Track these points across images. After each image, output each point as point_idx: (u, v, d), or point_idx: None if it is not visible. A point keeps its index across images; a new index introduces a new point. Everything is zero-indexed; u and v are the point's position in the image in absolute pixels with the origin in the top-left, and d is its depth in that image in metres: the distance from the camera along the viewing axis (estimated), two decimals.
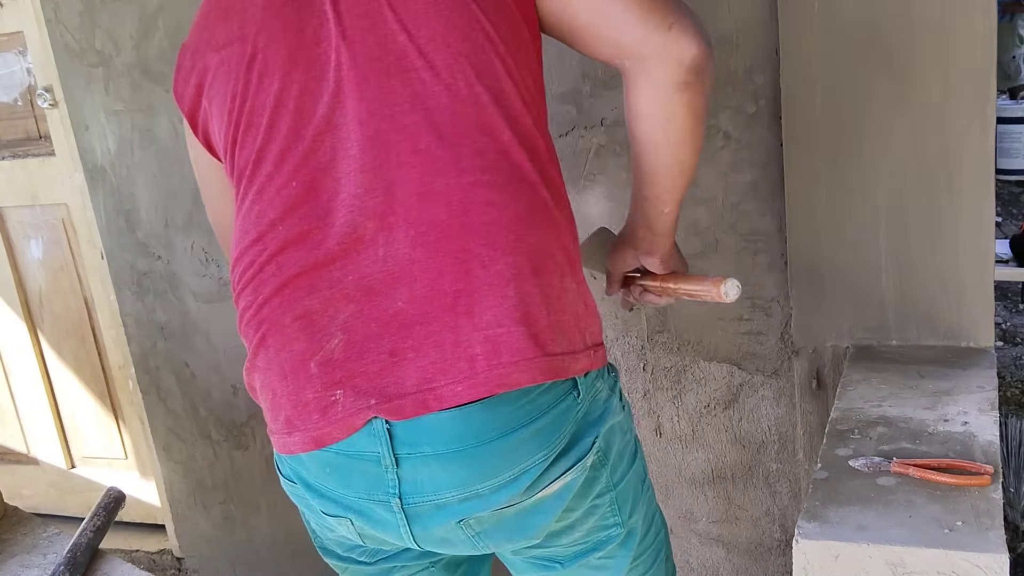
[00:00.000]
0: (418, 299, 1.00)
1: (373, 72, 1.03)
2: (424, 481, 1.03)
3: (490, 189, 1.02)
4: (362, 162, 1.02)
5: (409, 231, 1.01)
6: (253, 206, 1.08)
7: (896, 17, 1.49)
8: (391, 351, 1.01)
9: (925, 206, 1.55)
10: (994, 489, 1.17)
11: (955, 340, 1.60)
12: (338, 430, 1.03)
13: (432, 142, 1.02)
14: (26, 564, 1.25)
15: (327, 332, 1.02)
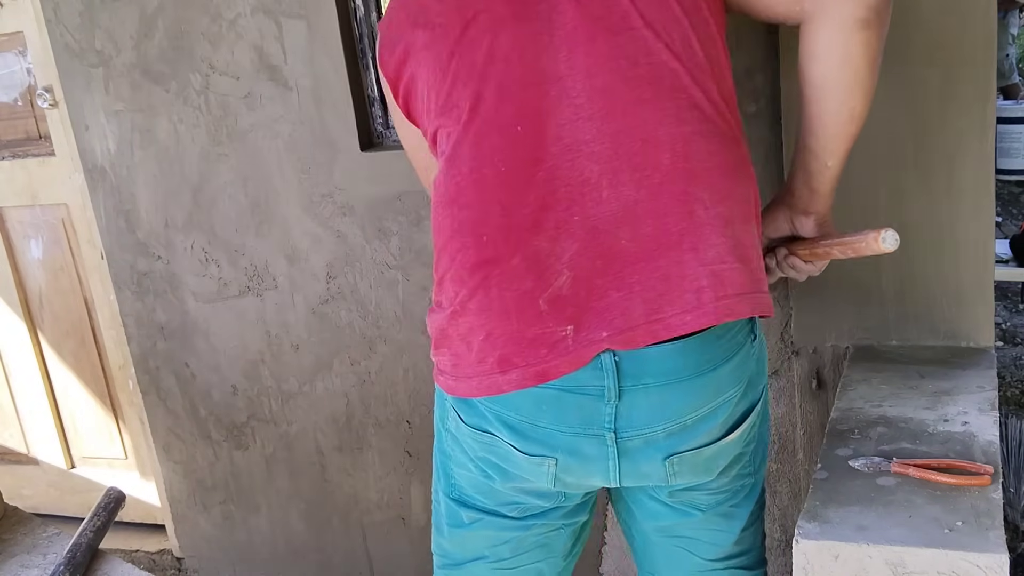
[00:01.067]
0: (641, 237, 1.08)
1: (599, 29, 1.10)
2: (640, 414, 1.10)
3: (709, 139, 1.12)
4: (589, 111, 1.09)
5: (634, 174, 1.08)
6: (474, 148, 1.12)
7: (896, 17, 1.48)
8: (618, 286, 1.08)
9: (925, 206, 1.55)
10: (994, 489, 1.17)
11: (955, 340, 1.60)
12: (566, 363, 1.08)
13: (655, 94, 1.09)
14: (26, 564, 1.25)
15: (555, 270, 1.08)
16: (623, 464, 1.14)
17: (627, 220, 1.08)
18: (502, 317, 1.10)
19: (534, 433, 1.13)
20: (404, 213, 2.02)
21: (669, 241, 1.08)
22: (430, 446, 2.18)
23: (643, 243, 1.08)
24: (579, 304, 1.08)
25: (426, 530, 2.26)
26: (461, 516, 1.30)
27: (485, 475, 1.22)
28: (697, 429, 1.13)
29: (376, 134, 2.07)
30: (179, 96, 2.11)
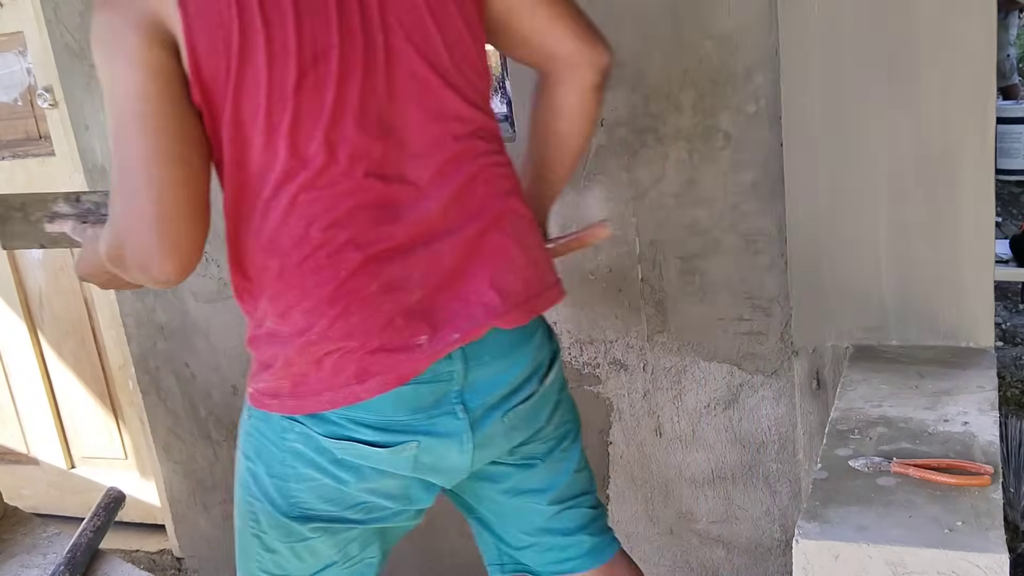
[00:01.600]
0: (469, 253, 1.25)
1: (423, 87, 1.22)
2: (481, 385, 1.26)
3: (503, 160, 1.30)
4: (424, 156, 1.23)
5: (462, 209, 1.24)
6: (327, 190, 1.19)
7: (896, 17, 1.49)
8: (459, 297, 1.24)
9: (925, 206, 1.55)
10: (994, 489, 1.17)
11: (955, 340, 1.60)
12: (423, 364, 1.21)
13: (468, 132, 1.26)
14: (26, 564, 1.25)
15: (407, 291, 1.21)
16: (475, 432, 1.27)
17: (455, 239, 1.24)
18: (363, 337, 1.20)
19: (394, 426, 1.24)
20: None
21: (488, 255, 1.27)
22: None
23: (470, 259, 1.25)
24: (430, 317, 1.22)
25: (426, 530, 2.26)
26: (303, 532, 1.34)
27: (338, 480, 1.28)
28: (524, 386, 1.31)
29: None
30: None
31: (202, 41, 1.12)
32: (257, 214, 1.24)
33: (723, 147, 1.74)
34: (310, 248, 1.20)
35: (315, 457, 1.27)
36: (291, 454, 1.29)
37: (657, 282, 1.87)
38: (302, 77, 1.15)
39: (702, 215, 1.79)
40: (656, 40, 1.72)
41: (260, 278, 1.25)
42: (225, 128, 1.17)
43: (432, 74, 1.22)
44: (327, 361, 1.21)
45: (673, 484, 2.01)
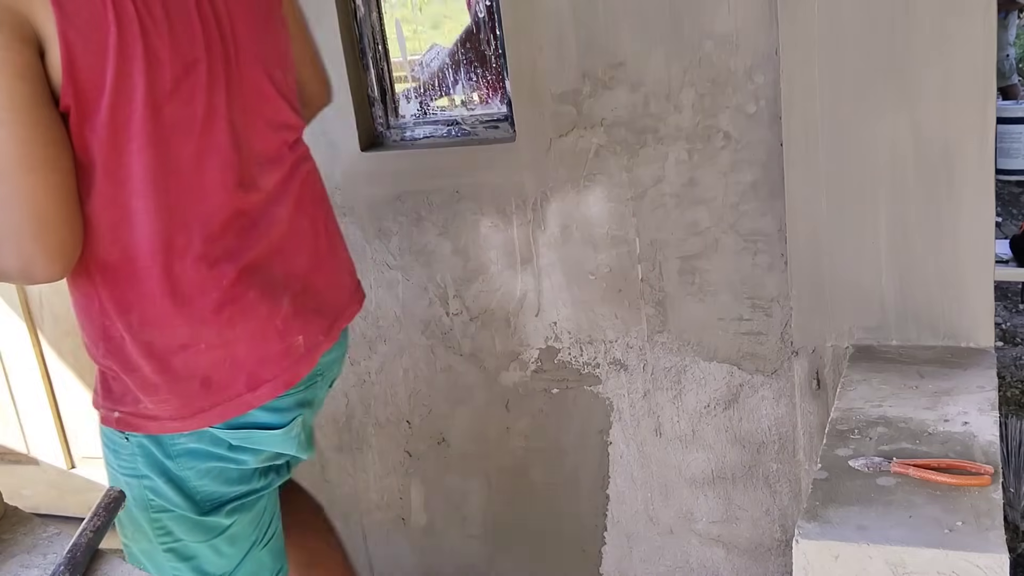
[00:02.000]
0: (313, 256, 1.40)
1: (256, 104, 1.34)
2: (329, 362, 1.45)
3: (314, 170, 1.47)
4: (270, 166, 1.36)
5: (295, 211, 1.38)
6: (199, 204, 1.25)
7: (896, 17, 1.49)
8: (315, 299, 1.38)
9: (925, 206, 1.55)
10: (994, 489, 1.17)
11: (955, 340, 1.60)
12: (304, 367, 1.35)
13: (290, 154, 1.43)
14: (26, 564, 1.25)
15: (279, 296, 1.32)
16: (318, 400, 1.47)
17: (300, 244, 1.38)
18: (248, 343, 1.29)
19: (285, 404, 1.36)
20: (404, 213, 2.02)
21: (324, 255, 1.43)
22: (430, 446, 2.18)
23: (315, 260, 1.40)
24: (300, 318, 1.34)
25: (426, 530, 2.26)
26: (220, 522, 1.40)
27: (237, 462, 1.37)
28: (342, 345, 1.51)
29: (376, 134, 2.07)
30: None
31: (79, 41, 1.10)
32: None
33: (723, 147, 1.74)
34: (192, 259, 1.23)
35: (210, 449, 1.33)
36: (185, 456, 1.33)
37: (657, 282, 1.87)
38: (176, 86, 1.18)
39: (702, 215, 1.79)
40: (656, 40, 1.72)
41: (131, 289, 1.24)
42: (96, 131, 1.15)
43: (271, 85, 1.33)
44: (226, 369, 1.28)
45: (673, 484, 2.01)
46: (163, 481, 1.35)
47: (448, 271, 2.03)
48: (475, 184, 1.94)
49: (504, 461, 2.14)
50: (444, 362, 2.11)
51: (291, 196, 1.36)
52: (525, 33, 1.80)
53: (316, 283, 1.39)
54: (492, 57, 1.98)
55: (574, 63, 1.79)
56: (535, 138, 1.86)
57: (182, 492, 1.35)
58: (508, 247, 1.96)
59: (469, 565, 2.26)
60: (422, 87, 2.06)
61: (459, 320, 2.06)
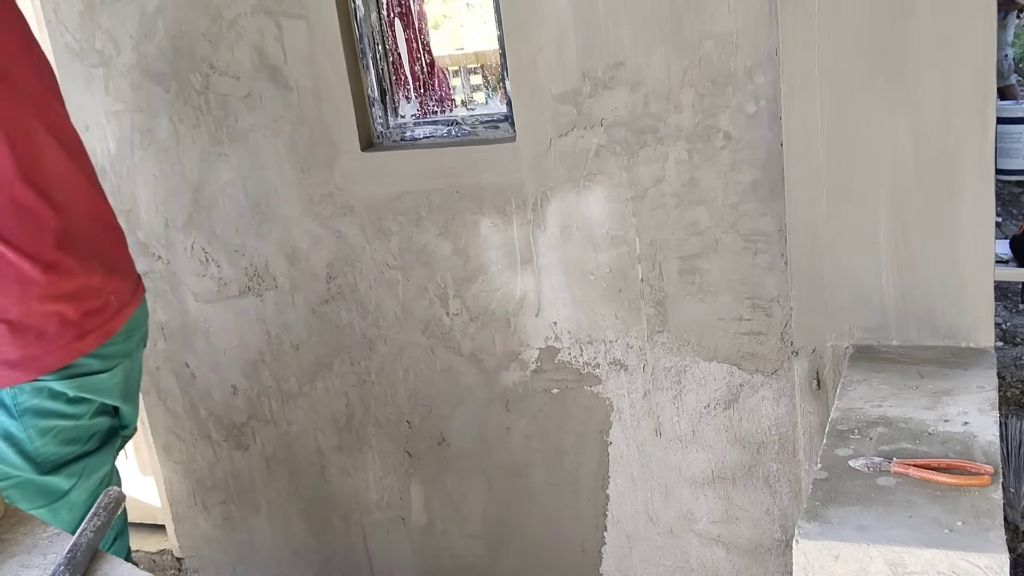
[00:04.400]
0: (110, 237, 1.69)
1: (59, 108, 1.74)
2: (139, 319, 1.72)
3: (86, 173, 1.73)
4: (76, 165, 1.67)
5: (92, 209, 1.67)
6: (15, 201, 1.48)
7: (896, 17, 1.49)
8: (117, 267, 1.66)
9: (925, 206, 1.55)
10: (994, 489, 1.17)
11: (955, 340, 1.60)
12: (118, 321, 1.62)
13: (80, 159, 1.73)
14: (26, 564, 1.25)
15: (92, 265, 1.58)
16: (136, 356, 1.72)
17: (108, 233, 1.68)
18: (70, 302, 1.53)
19: (108, 351, 1.60)
20: (404, 213, 2.02)
21: (119, 237, 1.73)
22: (430, 446, 2.18)
23: (113, 241, 1.70)
24: (113, 282, 1.62)
25: (426, 530, 2.26)
26: (60, 484, 1.60)
27: (73, 417, 1.58)
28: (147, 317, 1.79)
29: (376, 134, 2.07)
30: (179, 96, 2.11)
31: None
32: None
33: (723, 147, 1.74)
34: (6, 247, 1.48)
35: (50, 405, 1.54)
36: (28, 414, 1.53)
37: (657, 282, 1.87)
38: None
39: (702, 215, 1.79)
40: (656, 40, 1.72)
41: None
42: None
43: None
44: (57, 323, 1.51)
45: (673, 484, 2.01)
46: (6, 444, 1.53)
47: (448, 271, 2.03)
48: (475, 184, 1.94)
49: (504, 461, 2.14)
50: (444, 362, 2.11)
51: (87, 204, 1.64)
52: (525, 33, 1.80)
53: (119, 259, 1.68)
54: (490, 55, 1.98)
55: (574, 63, 1.79)
56: (535, 138, 1.86)
57: (23, 453, 1.54)
58: (508, 247, 1.96)
59: (469, 565, 2.26)
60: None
61: (459, 320, 2.06)
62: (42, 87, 1.64)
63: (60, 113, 1.71)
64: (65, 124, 1.72)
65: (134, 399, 1.80)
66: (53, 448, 1.58)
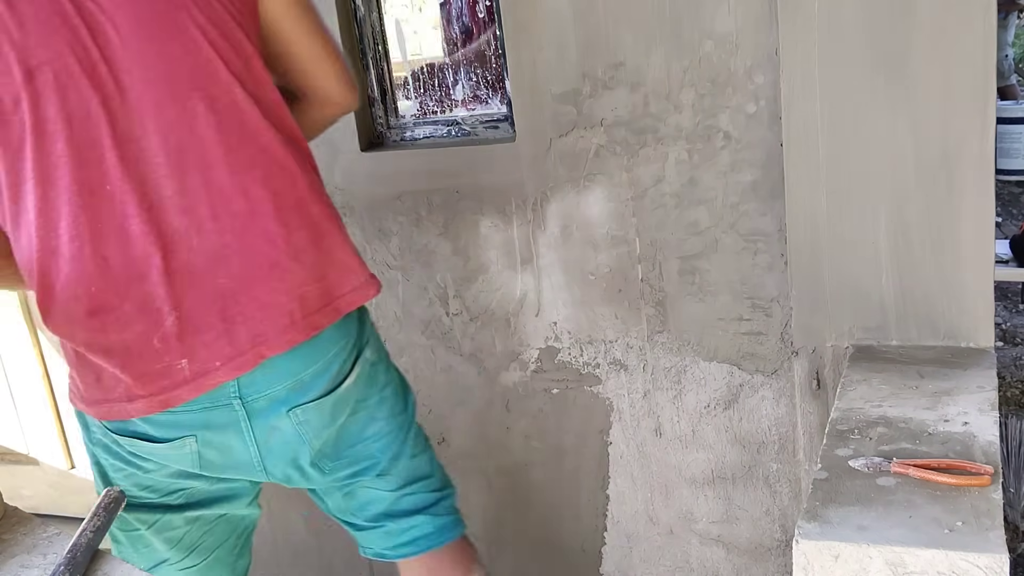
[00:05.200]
0: (235, 275, 1.25)
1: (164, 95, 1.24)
2: (259, 380, 1.28)
3: (277, 178, 1.29)
4: (168, 169, 1.23)
5: (216, 223, 1.25)
6: (63, 207, 1.21)
7: (896, 17, 1.49)
8: (222, 318, 1.25)
9: (925, 206, 1.55)
10: (994, 489, 1.17)
11: (955, 340, 1.60)
12: (187, 392, 1.26)
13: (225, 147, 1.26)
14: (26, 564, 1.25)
15: (162, 312, 1.23)
16: (255, 425, 1.31)
17: (220, 261, 1.25)
18: (123, 356, 1.24)
19: (169, 419, 1.29)
20: (404, 213, 2.02)
21: (260, 275, 1.27)
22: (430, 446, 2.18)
23: (237, 280, 1.26)
24: (188, 340, 1.24)
25: None
26: (131, 522, 1.41)
27: (143, 469, 1.36)
28: (314, 383, 1.33)
29: (376, 134, 2.07)
30: None
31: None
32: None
33: (723, 147, 1.74)
34: (63, 261, 1.23)
35: (115, 449, 1.36)
36: (100, 448, 1.39)
37: (657, 282, 1.87)
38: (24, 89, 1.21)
39: (702, 215, 1.79)
40: (656, 40, 1.72)
41: (38, 280, 1.26)
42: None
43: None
44: (103, 375, 1.28)
45: (673, 484, 2.01)
46: (93, 466, 1.43)
47: (448, 271, 2.03)
48: (475, 184, 1.94)
49: (504, 461, 2.14)
50: (444, 362, 2.11)
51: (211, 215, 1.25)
52: (525, 33, 1.80)
53: (236, 306, 1.26)
54: (489, 56, 1.98)
55: (574, 63, 1.79)
56: (535, 138, 1.86)
57: (104, 478, 1.42)
58: (508, 247, 1.96)
59: None
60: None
61: (459, 320, 2.06)
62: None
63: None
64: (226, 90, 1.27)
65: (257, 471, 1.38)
66: (127, 485, 1.40)
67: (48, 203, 1.21)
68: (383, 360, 1.49)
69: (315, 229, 1.32)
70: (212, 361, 1.25)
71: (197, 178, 1.24)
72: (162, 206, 1.23)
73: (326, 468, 1.43)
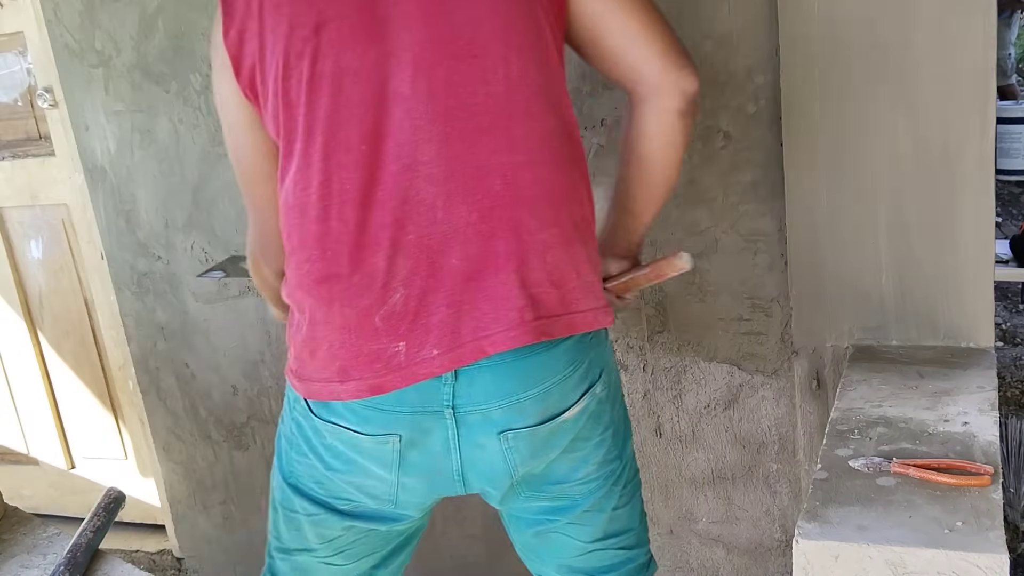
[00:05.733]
0: (470, 257, 1.16)
1: (443, 55, 1.15)
2: (475, 393, 1.19)
3: (539, 168, 1.18)
4: (429, 133, 1.15)
5: (467, 197, 1.15)
6: (318, 164, 1.17)
7: (896, 17, 1.49)
8: (448, 303, 1.16)
9: (925, 206, 1.55)
10: (994, 489, 1.17)
11: (955, 340, 1.60)
12: (399, 378, 1.17)
13: (491, 123, 1.16)
14: (26, 564, 1.25)
15: (390, 288, 1.16)
16: (462, 438, 1.22)
17: (458, 241, 1.16)
18: (343, 331, 1.18)
19: (378, 416, 1.21)
20: None
21: (496, 263, 1.17)
22: None
23: (472, 263, 1.16)
24: (411, 321, 1.16)
25: (426, 530, 2.26)
26: (294, 503, 1.37)
27: (327, 465, 1.29)
28: (532, 408, 1.21)
29: None
30: (179, 96, 2.11)
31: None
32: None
33: (723, 147, 1.74)
34: (308, 220, 1.20)
35: (311, 436, 1.29)
36: (296, 425, 1.32)
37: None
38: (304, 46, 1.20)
39: (702, 215, 1.79)
40: None
41: (284, 242, 1.25)
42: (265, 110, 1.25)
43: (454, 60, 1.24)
44: (319, 351, 1.22)
45: (673, 484, 2.01)
46: (283, 431, 1.37)
47: None
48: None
49: None
50: None
51: (464, 189, 1.15)
52: None
53: (465, 292, 1.16)
54: None
55: (574, 64, 1.79)
56: None
57: (286, 453, 1.36)
58: None
59: (469, 565, 2.26)
60: None
61: None
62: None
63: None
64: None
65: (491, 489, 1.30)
66: (301, 471, 1.34)
67: (308, 159, 1.17)
68: (612, 398, 1.34)
69: (567, 233, 1.21)
70: (430, 349, 1.16)
71: (457, 147, 1.15)
72: (415, 171, 1.15)
73: (523, 494, 1.32)
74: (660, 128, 1.25)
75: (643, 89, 1.24)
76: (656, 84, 1.22)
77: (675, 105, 1.23)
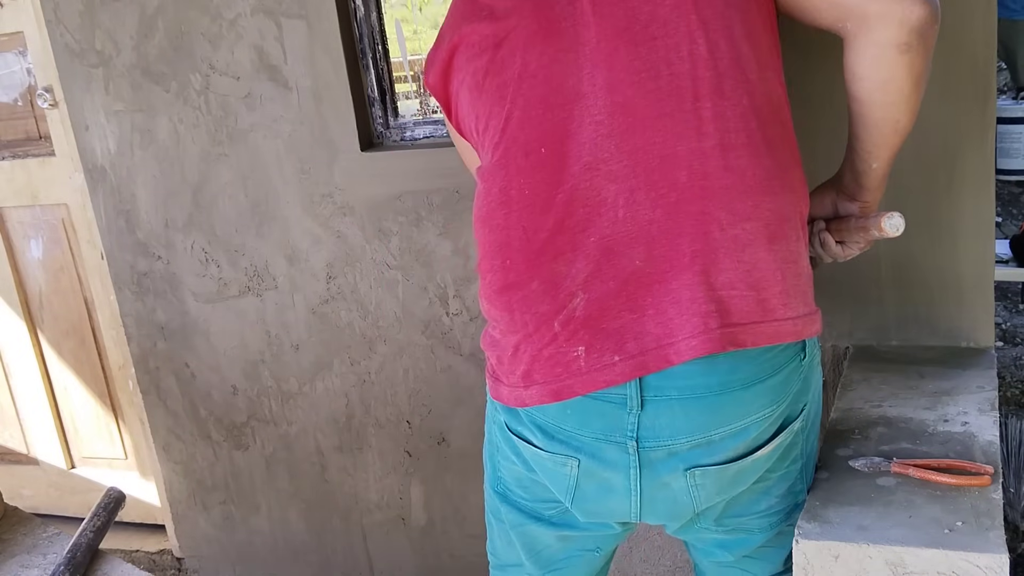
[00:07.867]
0: (655, 258, 1.07)
1: (621, 42, 1.08)
2: (662, 426, 1.10)
3: (732, 153, 1.07)
4: (610, 128, 1.08)
5: (650, 193, 1.07)
6: (503, 168, 1.14)
7: None
8: (631, 307, 1.08)
9: (925, 206, 1.55)
10: (994, 489, 1.17)
11: (955, 340, 1.60)
12: (580, 384, 1.10)
13: (676, 106, 1.06)
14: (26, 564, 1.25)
15: (569, 292, 1.09)
16: (644, 475, 1.13)
17: (642, 240, 1.07)
18: (524, 337, 1.14)
19: (559, 435, 1.15)
20: (404, 213, 2.02)
21: (682, 263, 1.07)
22: (430, 446, 2.18)
23: (657, 264, 1.07)
24: (591, 326, 1.09)
25: (426, 530, 2.26)
26: (501, 512, 1.34)
27: (527, 467, 1.24)
28: (724, 444, 1.12)
29: (376, 134, 2.07)
30: (179, 96, 2.11)
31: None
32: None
33: None
34: (488, 229, 1.18)
35: (507, 440, 1.26)
36: (498, 427, 1.28)
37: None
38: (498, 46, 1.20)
39: None
40: None
41: (478, 251, 1.23)
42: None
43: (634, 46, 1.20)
44: (505, 357, 1.18)
45: None
46: (487, 439, 1.35)
47: (448, 271, 2.03)
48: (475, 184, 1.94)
49: None
50: (444, 362, 2.11)
51: (647, 183, 1.07)
52: None
53: (649, 295, 1.08)
54: None
55: None
56: None
57: (492, 458, 1.33)
58: None
59: (469, 565, 2.26)
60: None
61: (459, 320, 2.06)
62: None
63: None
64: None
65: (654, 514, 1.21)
66: (507, 476, 1.29)
67: (491, 169, 1.16)
68: (807, 429, 1.22)
69: (769, 227, 1.09)
70: (611, 355, 1.08)
71: (639, 139, 1.07)
72: (596, 170, 1.08)
73: (699, 525, 1.23)
74: (874, 66, 1.09)
75: (851, 26, 1.09)
76: (864, 14, 1.06)
77: (889, 37, 1.06)
